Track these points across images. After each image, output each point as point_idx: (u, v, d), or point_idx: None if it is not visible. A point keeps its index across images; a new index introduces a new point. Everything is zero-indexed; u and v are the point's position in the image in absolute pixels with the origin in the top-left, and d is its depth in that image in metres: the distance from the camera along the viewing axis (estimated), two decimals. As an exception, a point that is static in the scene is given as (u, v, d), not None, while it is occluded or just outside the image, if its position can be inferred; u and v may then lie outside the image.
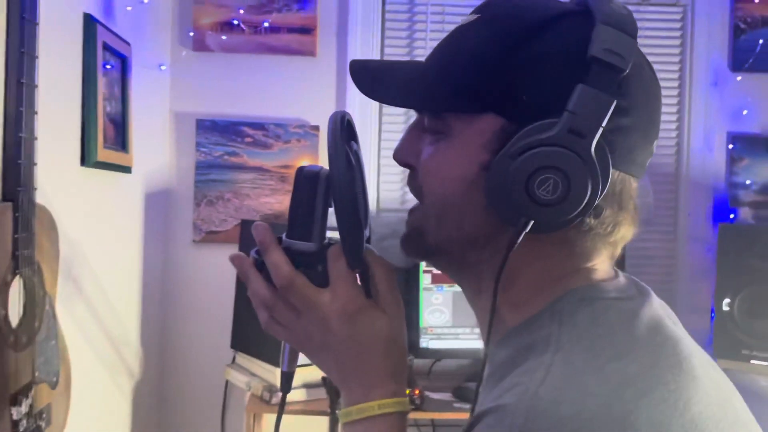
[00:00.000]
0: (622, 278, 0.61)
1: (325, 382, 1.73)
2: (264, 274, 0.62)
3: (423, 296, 1.99)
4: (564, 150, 0.53)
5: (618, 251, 0.62)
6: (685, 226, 2.20)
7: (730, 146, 2.21)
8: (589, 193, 0.54)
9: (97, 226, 1.61)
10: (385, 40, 2.19)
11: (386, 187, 2.21)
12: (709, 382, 0.54)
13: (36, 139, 1.13)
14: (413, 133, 0.63)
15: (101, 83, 1.54)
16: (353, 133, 0.65)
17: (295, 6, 2.11)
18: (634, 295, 0.59)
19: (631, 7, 2.27)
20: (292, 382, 0.67)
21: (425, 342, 1.99)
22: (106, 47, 1.57)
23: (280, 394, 1.82)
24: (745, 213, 2.22)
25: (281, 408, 0.69)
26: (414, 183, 0.63)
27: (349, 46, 2.13)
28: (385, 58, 2.20)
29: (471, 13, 0.63)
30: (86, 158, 1.48)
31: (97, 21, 1.51)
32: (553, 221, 0.55)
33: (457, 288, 2.02)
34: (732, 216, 2.21)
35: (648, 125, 0.59)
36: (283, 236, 0.63)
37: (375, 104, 2.16)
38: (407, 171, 0.64)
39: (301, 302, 0.61)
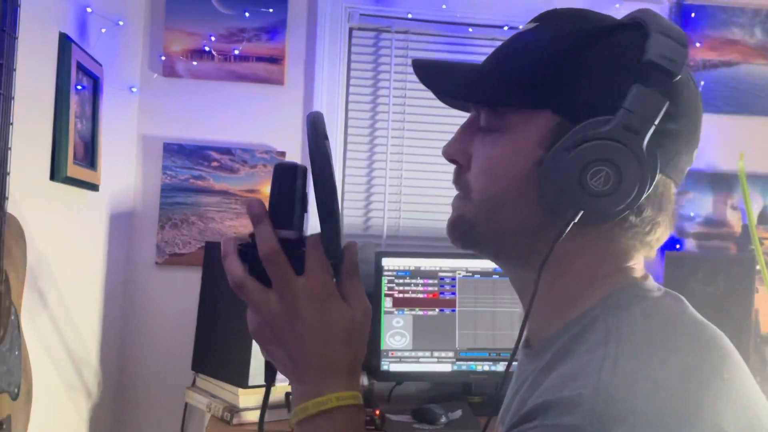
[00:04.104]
0: (652, 279, 0.65)
1: (287, 400, 1.75)
2: (244, 263, 0.62)
3: (384, 319, 2.03)
4: (618, 144, 0.57)
5: (653, 253, 0.66)
6: (634, 256, 2.30)
7: (676, 180, 2.33)
8: (637, 187, 0.58)
9: (63, 241, 1.62)
10: (351, 71, 2.28)
11: (349, 212, 2.26)
12: (748, 372, 0.59)
13: (10, 149, 1.15)
14: (465, 132, 0.68)
15: (74, 101, 1.56)
16: (326, 133, 0.67)
17: (264, 36, 2.18)
18: (671, 295, 0.63)
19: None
20: (276, 374, 0.66)
21: (386, 365, 2.02)
22: (80, 67, 1.60)
23: (241, 414, 1.81)
24: (690, 244, 2.34)
25: (266, 399, 0.67)
26: (461, 180, 0.67)
27: (316, 76, 2.20)
28: (351, 88, 2.27)
29: (530, 22, 0.67)
30: (56, 173, 1.50)
31: (72, 41, 1.55)
32: (601, 213, 0.59)
33: (418, 312, 2.08)
34: (678, 246, 2.33)
35: (692, 133, 0.63)
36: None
37: (340, 135, 2.23)
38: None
39: (278, 277, 0.60)
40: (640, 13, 0.63)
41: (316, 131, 0.63)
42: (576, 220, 0.59)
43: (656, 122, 0.57)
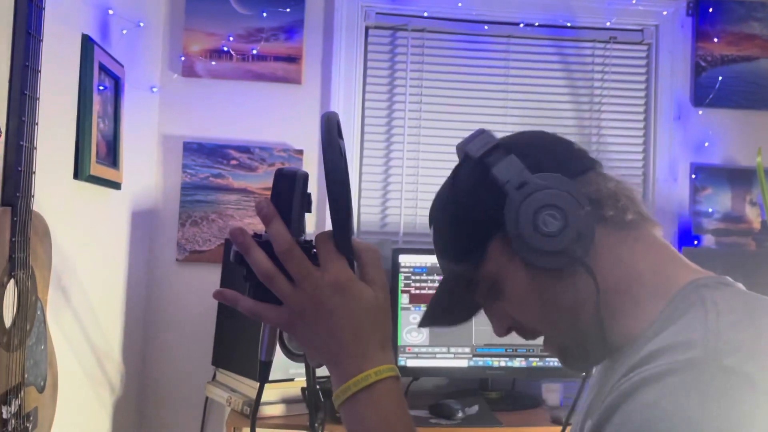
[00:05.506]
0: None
1: (304, 395, 1.77)
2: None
3: (401, 316, 2.05)
4: (526, 198, 0.69)
5: (656, 224, 0.75)
6: (652, 252, 2.29)
7: (693, 176, 2.33)
8: (571, 197, 0.68)
9: (86, 239, 1.66)
10: (367, 69, 2.30)
11: (366, 210, 2.28)
12: None
13: (35, 149, 1.18)
14: (490, 311, 0.80)
15: (96, 101, 1.60)
16: (341, 132, 0.69)
17: (282, 36, 2.20)
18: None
19: (598, 45, 2.39)
20: (269, 371, 0.68)
21: (403, 361, 2.04)
22: (102, 68, 1.64)
23: (260, 408, 1.84)
24: (708, 240, 2.33)
25: (258, 398, 0.70)
26: (525, 333, 0.78)
27: (333, 75, 2.23)
28: (367, 86, 2.29)
29: (429, 227, 0.83)
30: (79, 172, 1.54)
31: (94, 42, 1.58)
32: (581, 232, 0.68)
33: (434, 308, 2.09)
34: (696, 242, 2.31)
35: (553, 145, 0.77)
36: (263, 233, 0.65)
37: (356, 133, 2.25)
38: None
39: (297, 270, 0.63)
40: (457, 150, 0.78)
41: (329, 130, 0.64)
42: (580, 253, 0.68)
43: (524, 167, 0.70)
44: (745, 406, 0.54)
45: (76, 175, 1.55)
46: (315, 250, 0.66)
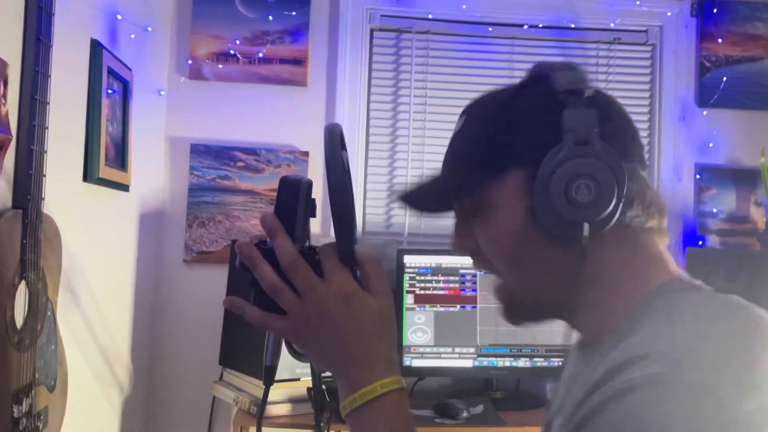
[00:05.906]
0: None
1: (310, 395, 1.79)
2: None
3: (406, 316, 2.06)
4: (580, 159, 0.65)
5: (667, 237, 0.72)
6: (656, 252, 2.30)
7: (698, 177, 2.33)
8: (615, 183, 0.65)
9: (95, 241, 1.68)
10: (372, 72, 2.31)
11: (372, 211, 2.30)
12: None
13: (46, 152, 1.20)
14: (460, 226, 0.76)
15: (105, 105, 1.62)
16: (344, 144, 0.70)
17: (288, 39, 2.22)
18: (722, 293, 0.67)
19: (602, 46, 2.40)
20: (274, 376, 0.70)
21: (408, 361, 2.05)
22: (110, 72, 1.66)
23: (267, 407, 1.86)
24: (713, 240, 2.33)
25: (264, 401, 0.72)
26: (482, 263, 0.74)
27: (338, 77, 2.24)
28: (372, 88, 2.31)
29: (459, 118, 0.77)
30: (89, 174, 1.56)
31: (103, 47, 1.61)
32: (601, 218, 0.65)
33: (440, 308, 2.11)
34: (700, 243, 2.32)
35: (627, 124, 0.72)
36: (268, 240, 0.67)
37: (362, 135, 2.27)
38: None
39: (302, 283, 0.64)
40: (536, 67, 0.73)
41: (332, 143, 0.66)
42: (587, 233, 0.65)
43: (596, 129, 0.65)
44: (708, 422, 0.53)
45: (85, 178, 1.57)
46: (319, 257, 0.66)
